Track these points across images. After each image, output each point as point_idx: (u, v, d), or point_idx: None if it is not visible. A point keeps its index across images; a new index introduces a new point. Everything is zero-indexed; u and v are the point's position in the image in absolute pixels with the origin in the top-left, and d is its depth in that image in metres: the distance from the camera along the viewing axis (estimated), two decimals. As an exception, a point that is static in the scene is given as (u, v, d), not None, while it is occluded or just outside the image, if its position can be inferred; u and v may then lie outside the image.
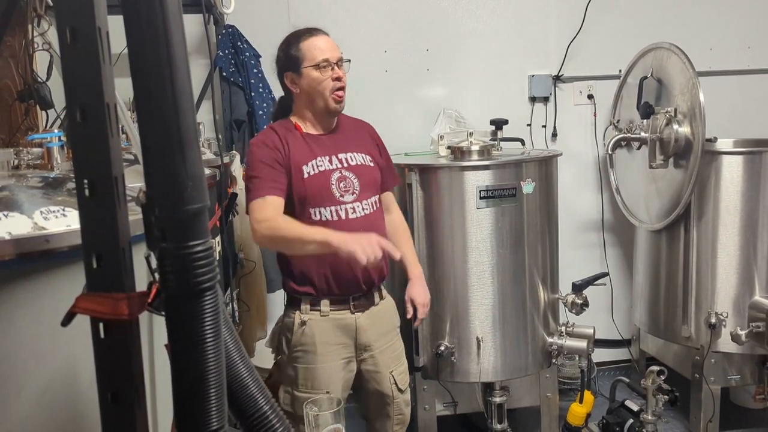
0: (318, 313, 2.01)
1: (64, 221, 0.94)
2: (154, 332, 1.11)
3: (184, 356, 0.81)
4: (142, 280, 0.85)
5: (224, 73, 2.87)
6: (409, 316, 2.18)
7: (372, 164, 2.12)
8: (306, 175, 1.97)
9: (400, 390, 2.17)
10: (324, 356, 2.00)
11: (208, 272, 0.80)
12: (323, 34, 2.04)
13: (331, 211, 1.98)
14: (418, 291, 2.18)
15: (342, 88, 2.01)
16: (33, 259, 0.92)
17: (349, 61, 2.06)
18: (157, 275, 0.84)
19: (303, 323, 2.01)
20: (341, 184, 2.01)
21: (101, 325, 0.78)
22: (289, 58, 2.01)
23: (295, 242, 1.90)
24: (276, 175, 1.94)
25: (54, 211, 0.94)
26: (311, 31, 2.03)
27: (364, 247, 1.74)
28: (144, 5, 0.72)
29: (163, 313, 0.84)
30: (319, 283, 2.00)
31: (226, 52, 2.88)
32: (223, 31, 2.89)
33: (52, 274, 0.95)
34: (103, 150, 0.73)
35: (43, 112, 2.20)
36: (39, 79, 1.85)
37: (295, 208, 1.98)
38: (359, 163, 2.08)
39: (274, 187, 1.93)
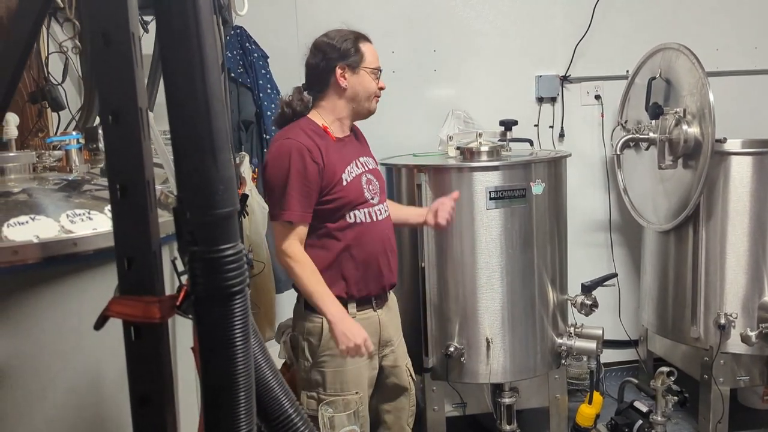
0: None
1: (90, 224, 0.94)
2: (176, 334, 1.11)
3: (214, 359, 0.81)
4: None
5: (232, 74, 2.87)
6: (432, 215, 2.20)
7: (378, 168, 2.19)
8: (345, 183, 1.98)
9: (413, 380, 2.22)
10: (353, 358, 2.01)
11: (238, 275, 0.80)
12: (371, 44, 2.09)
13: (364, 213, 2.02)
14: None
15: (379, 97, 2.08)
16: (59, 261, 0.92)
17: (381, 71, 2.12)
18: (183, 278, 0.84)
19: None
20: (370, 186, 2.06)
21: (132, 329, 0.78)
22: (347, 52, 2.01)
23: (305, 292, 1.96)
24: (309, 194, 1.92)
25: (80, 214, 0.94)
26: (367, 38, 2.07)
27: (351, 346, 1.88)
28: (177, 8, 0.72)
29: (190, 316, 0.84)
30: (351, 288, 2.02)
31: (234, 53, 2.88)
32: (231, 32, 2.89)
33: (78, 277, 0.95)
34: (135, 154, 0.74)
35: (54, 113, 2.20)
36: (54, 81, 1.85)
37: (331, 211, 1.98)
38: (373, 167, 2.14)
39: (306, 212, 1.93)
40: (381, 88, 2.07)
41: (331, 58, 2.01)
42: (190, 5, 0.71)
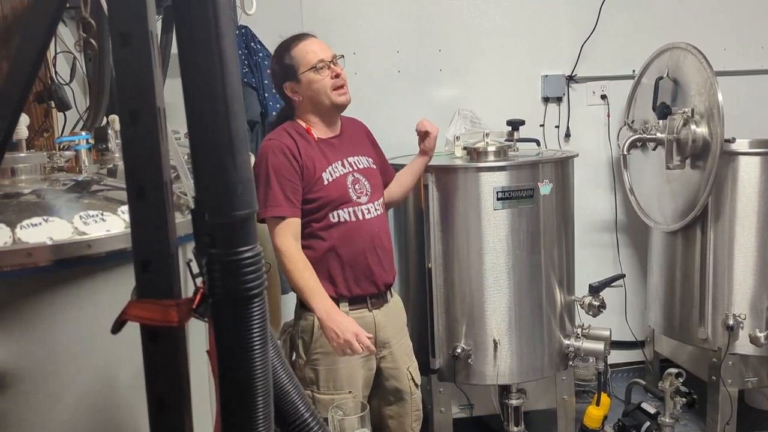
0: None
1: (103, 226, 0.93)
2: (188, 337, 1.10)
3: (232, 363, 0.80)
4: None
5: (237, 74, 2.86)
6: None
7: (374, 167, 2.18)
8: (326, 182, 2.00)
9: (416, 385, 2.20)
10: (348, 355, 2.00)
11: (257, 278, 0.79)
12: (311, 37, 2.06)
13: (349, 212, 2.02)
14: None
15: (343, 85, 2.03)
16: (73, 264, 0.91)
17: (343, 56, 2.09)
18: (198, 281, 0.83)
19: None
20: (356, 186, 2.06)
21: (149, 332, 0.77)
22: (285, 67, 2.03)
23: (296, 288, 1.97)
24: (293, 189, 1.96)
25: (93, 216, 0.93)
26: (299, 37, 2.05)
27: (341, 342, 1.86)
28: (195, 6, 0.71)
29: (206, 319, 0.83)
30: (339, 287, 2.02)
31: (239, 53, 2.87)
32: (237, 32, 2.88)
33: (92, 279, 0.94)
34: (154, 155, 0.72)
35: (60, 113, 2.19)
36: (62, 81, 1.84)
37: (314, 211, 2.00)
38: (365, 166, 2.13)
39: (294, 206, 1.96)
40: (335, 76, 2.01)
41: (278, 83, 2.08)
42: (209, 3, 0.70)
